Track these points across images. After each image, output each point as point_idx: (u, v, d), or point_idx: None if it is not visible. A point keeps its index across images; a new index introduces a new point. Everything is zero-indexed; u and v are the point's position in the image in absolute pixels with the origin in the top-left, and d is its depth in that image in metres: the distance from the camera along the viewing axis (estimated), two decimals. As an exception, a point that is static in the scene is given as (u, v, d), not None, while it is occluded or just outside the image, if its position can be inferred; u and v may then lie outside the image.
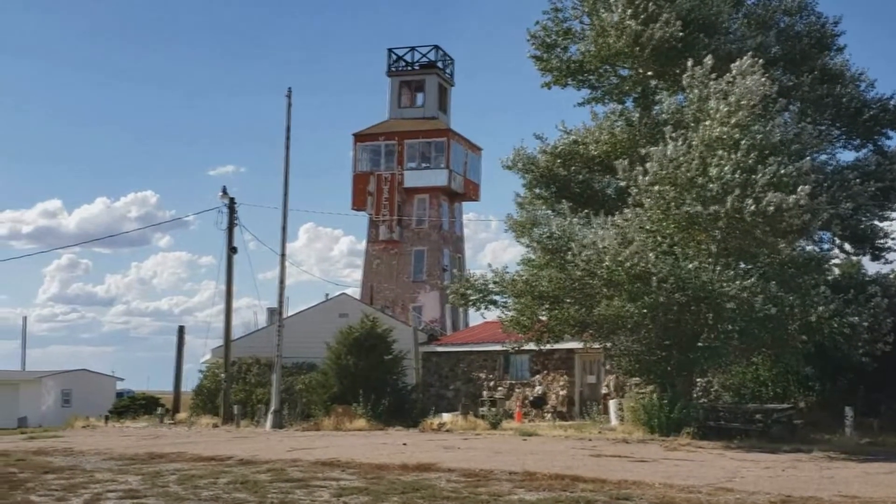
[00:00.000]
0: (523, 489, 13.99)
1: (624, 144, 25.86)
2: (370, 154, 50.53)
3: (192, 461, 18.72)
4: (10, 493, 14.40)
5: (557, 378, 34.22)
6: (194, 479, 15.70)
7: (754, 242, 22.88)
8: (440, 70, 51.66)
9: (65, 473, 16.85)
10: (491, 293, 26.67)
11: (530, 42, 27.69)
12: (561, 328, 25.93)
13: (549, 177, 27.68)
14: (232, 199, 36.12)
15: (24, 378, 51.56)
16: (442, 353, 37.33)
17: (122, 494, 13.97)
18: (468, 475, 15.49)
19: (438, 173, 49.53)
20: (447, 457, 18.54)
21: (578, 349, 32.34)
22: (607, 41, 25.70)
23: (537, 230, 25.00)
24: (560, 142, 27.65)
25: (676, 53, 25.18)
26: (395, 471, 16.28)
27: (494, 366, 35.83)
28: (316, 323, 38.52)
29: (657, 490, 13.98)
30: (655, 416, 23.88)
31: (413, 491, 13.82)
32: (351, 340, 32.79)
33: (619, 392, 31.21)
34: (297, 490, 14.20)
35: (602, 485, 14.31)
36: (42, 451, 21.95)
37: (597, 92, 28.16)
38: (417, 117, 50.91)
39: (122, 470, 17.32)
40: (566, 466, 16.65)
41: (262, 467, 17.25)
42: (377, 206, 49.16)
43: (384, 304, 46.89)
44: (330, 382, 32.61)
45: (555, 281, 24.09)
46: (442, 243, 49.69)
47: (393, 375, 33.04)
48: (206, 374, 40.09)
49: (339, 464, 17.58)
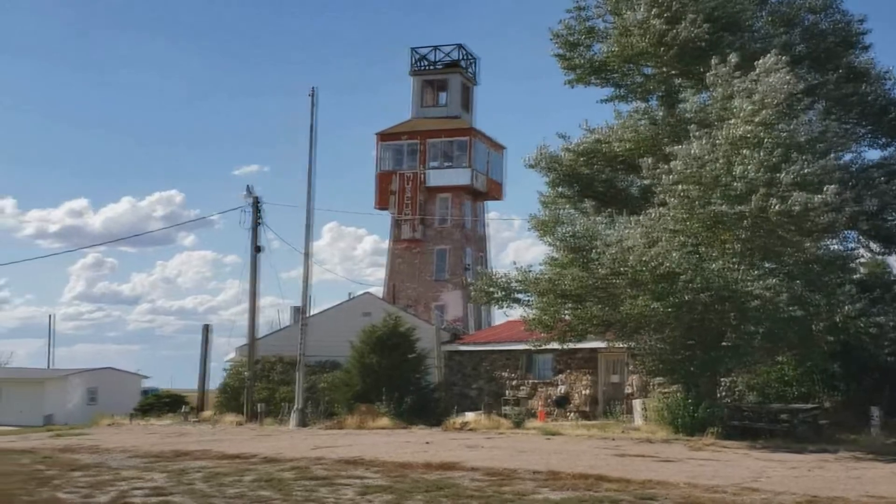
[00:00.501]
0: (547, 488, 13.99)
1: (648, 143, 25.75)
2: (393, 153, 50.59)
3: (217, 459, 18.83)
4: (37, 490, 14.55)
5: (581, 377, 34.14)
6: (219, 476, 15.80)
7: (779, 241, 22.76)
8: (463, 69, 51.65)
9: (91, 471, 17.00)
10: (514, 291, 26.65)
11: (553, 41, 27.65)
12: (584, 327, 25.86)
13: (572, 175, 27.61)
14: (256, 199, 36.28)
15: (51, 376, 51.96)
16: (465, 352, 37.31)
17: (149, 492, 14.08)
18: (492, 474, 15.51)
19: (461, 172, 49.52)
20: (471, 456, 18.56)
21: (602, 348, 32.24)
22: (631, 40, 25.63)
23: (561, 229, 24.95)
24: (583, 140, 27.57)
25: (701, 52, 25.07)
26: (419, 469, 16.31)
27: (517, 365, 35.77)
28: (339, 322, 38.60)
29: (682, 490, 13.95)
30: (680, 416, 23.79)
31: (437, 490, 13.86)
32: (374, 339, 32.86)
33: (643, 392, 31.10)
34: (321, 488, 14.27)
35: (627, 484, 14.28)
36: (68, 449, 22.13)
37: (620, 90, 28.09)
38: (440, 116, 50.92)
39: (148, 467, 17.45)
40: (590, 466, 16.63)
41: (287, 465, 17.33)
42: (400, 206, 49.21)
43: (407, 302, 46.94)
44: (353, 381, 32.69)
45: (578, 280, 24.04)
46: (465, 242, 49.68)
47: (416, 374, 33.10)
48: (231, 372, 40.26)
49: (363, 462, 17.63)
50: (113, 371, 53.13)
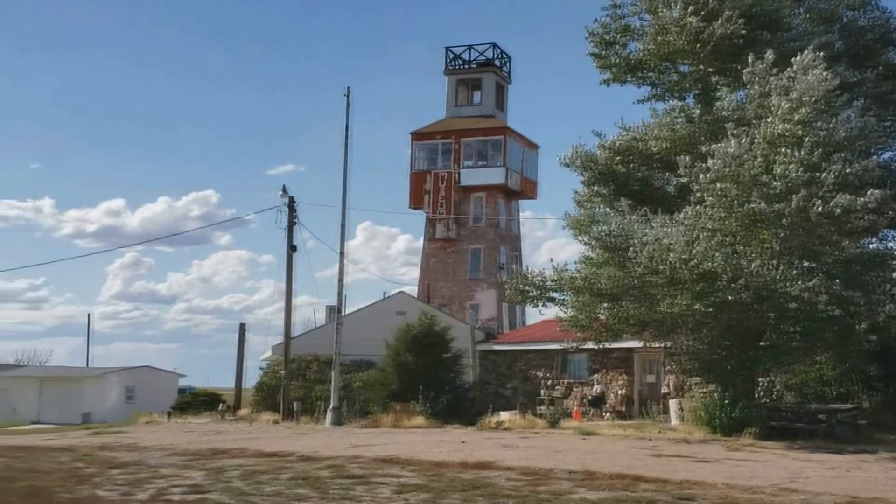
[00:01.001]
0: (584, 488, 13.94)
1: (684, 141, 25.59)
2: (427, 152, 50.62)
3: (254, 457, 18.95)
4: (76, 488, 14.70)
5: (616, 377, 34.00)
6: (257, 474, 15.89)
7: (818, 241, 22.55)
8: (497, 68, 51.58)
9: (130, 468, 17.16)
10: (549, 290, 26.59)
11: (589, 40, 27.51)
12: (620, 327, 25.74)
13: (607, 174, 27.47)
14: (291, 198, 36.46)
15: (89, 375, 52.55)
16: (499, 352, 37.28)
17: (187, 489, 14.18)
18: (528, 474, 15.48)
19: (495, 171, 49.45)
20: (506, 455, 18.54)
21: (638, 348, 32.09)
22: (667, 38, 25.47)
23: (596, 227, 24.85)
24: (619, 139, 27.44)
25: (738, 50, 24.88)
26: (455, 468, 16.32)
27: (552, 364, 35.68)
28: (374, 321, 38.67)
29: (720, 490, 13.86)
30: (717, 416, 23.62)
31: (473, 489, 13.85)
32: (409, 338, 32.91)
33: (679, 392, 30.91)
34: (357, 486, 14.30)
35: (664, 485, 14.21)
36: (107, 447, 22.35)
37: (656, 89, 27.91)
38: (474, 115, 50.90)
39: (186, 465, 17.58)
40: (627, 466, 16.56)
41: (323, 464, 17.40)
42: (434, 205, 49.23)
43: (441, 302, 46.95)
44: (388, 380, 32.77)
45: (614, 279, 23.93)
46: (499, 241, 49.62)
47: (451, 373, 33.12)
48: (267, 371, 40.51)
49: (399, 461, 17.66)
50: (150, 370, 53.63)
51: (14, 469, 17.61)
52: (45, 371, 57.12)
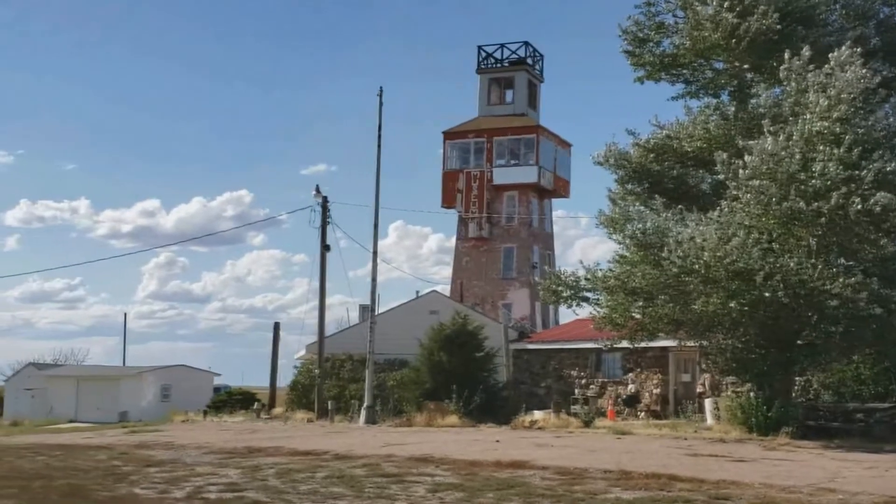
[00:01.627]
0: (619, 488, 13.87)
1: (719, 139, 25.40)
2: (459, 151, 50.64)
3: (289, 455, 19.03)
4: (115, 486, 14.84)
5: (651, 376, 33.82)
6: (292, 473, 15.96)
7: (856, 239, 22.32)
8: (530, 66, 51.48)
9: (167, 467, 17.28)
10: (583, 290, 26.50)
11: (622, 37, 27.39)
12: (655, 326, 25.60)
13: (641, 172, 27.34)
14: (325, 198, 36.62)
15: (125, 373, 53.00)
16: (532, 351, 37.20)
17: (223, 488, 14.26)
18: (562, 473, 15.43)
19: (528, 170, 49.37)
20: (541, 454, 18.49)
21: (672, 347, 31.89)
22: (702, 34, 25.30)
23: (630, 226, 24.73)
24: (653, 136, 27.30)
25: (773, 46, 24.67)
26: (489, 467, 16.30)
27: (586, 363, 35.55)
28: (407, 320, 38.72)
29: (757, 490, 13.74)
30: (753, 416, 23.44)
31: (508, 488, 13.82)
32: (442, 337, 32.94)
33: (715, 391, 30.67)
34: (392, 485, 14.32)
35: (700, 484, 14.11)
36: (144, 445, 22.54)
37: (691, 86, 27.72)
38: (507, 114, 50.85)
39: (222, 463, 17.69)
40: (662, 465, 16.46)
41: (358, 462, 17.44)
42: (466, 204, 49.22)
43: (474, 301, 46.94)
44: (422, 379, 32.81)
45: (648, 277, 23.81)
46: (531, 240, 49.53)
47: (484, 372, 33.09)
48: (301, 369, 40.69)
49: (433, 460, 17.67)
50: (186, 368, 54.01)
51: (53, 467, 17.81)
52: (83, 370, 57.74)
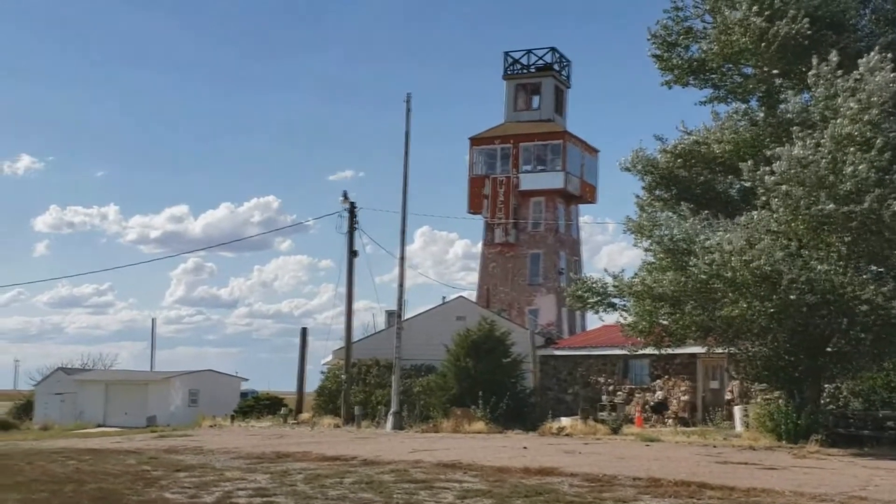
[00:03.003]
0: (649, 495, 13.80)
1: (748, 144, 25.24)
2: (486, 157, 50.63)
3: (317, 461, 19.06)
4: (144, 491, 14.90)
5: (679, 383, 33.65)
6: (321, 478, 15.98)
7: (886, 244, 22.12)
8: (557, 72, 51.41)
9: (196, 471, 17.34)
10: (610, 296, 26.40)
11: (650, 41, 27.30)
12: (682, 332, 25.48)
13: (669, 178, 27.20)
14: (352, 204, 36.71)
15: (154, 378, 53.25)
16: (559, 357, 37.11)
17: (252, 493, 14.30)
18: (591, 480, 15.37)
19: (554, 176, 49.30)
20: (569, 461, 18.44)
21: (701, 354, 31.71)
22: (731, 39, 25.16)
23: (658, 232, 24.62)
24: (680, 142, 27.17)
25: (803, 51, 24.50)
26: (517, 474, 16.26)
27: (613, 370, 35.43)
28: (433, 325, 38.72)
29: (788, 498, 13.64)
30: (783, 423, 23.29)
31: (536, 495, 13.78)
32: (469, 343, 32.92)
33: (744, 398, 30.50)
34: (421, 491, 14.30)
35: (730, 492, 14.02)
36: (173, 450, 22.63)
37: (719, 91, 27.58)
38: (533, 120, 50.78)
39: (251, 468, 17.74)
40: (692, 473, 16.38)
41: (386, 468, 17.44)
42: (493, 210, 49.19)
43: (500, 307, 46.89)
44: (448, 384, 32.79)
45: (676, 283, 23.69)
46: (558, 246, 49.43)
47: (511, 378, 33.02)
48: (328, 375, 40.75)
49: (461, 466, 17.64)
50: (213, 373, 54.19)
51: (83, 472, 17.91)
52: (111, 375, 58.07)
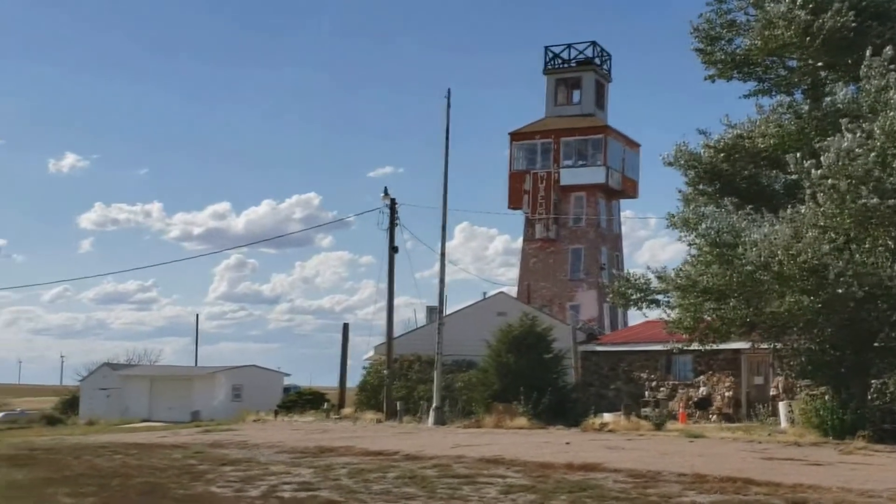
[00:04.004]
0: (694, 491, 13.71)
1: (793, 137, 24.97)
2: (526, 153, 50.54)
3: (360, 455, 19.14)
4: (191, 484, 15.07)
5: (723, 379, 33.38)
6: (364, 472, 16.05)
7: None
8: (597, 66, 51.17)
9: (241, 465, 17.50)
10: (653, 292, 26.23)
11: (693, 35, 27.12)
12: (726, 328, 25.26)
13: (712, 172, 27.00)
14: (393, 200, 36.77)
15: (198, 373, 53.74)
16: (601, 353, 36.96)
17: (297, 487, 14.40)
18: (635, 476, 15.28)
19: (595, 171, 49.10)
20: (612, 457, 18.35)
21: (745, 349, 31.44)
22: (774, 32, 24.92)
23: (703, 226, 24.43)
24: (724, 136, 26.95)
25: (848, 43, 24.23)
26: (561, 470, 16.20)
27: (656, 366, 35.22)
28: (474, 321, 38.74)
29: (835, 494, 13.49)
30: (828, 419, 23.02)
31: (580, 490, 13.74)
32: (510, 338, 32.88)
33: (789, 394, 30.19)
34: (464, 486, 14.32)
35: (776, 488, 13.88)
36: (218, 444, 22.83)
37: (763, 84, 27.34)
38: (574, 115, 50.60)
39: (295, 463, 17.86)
40: (737, 469, 16.23)
41: (429, 463, 17.46)
42: (533, 205, 49.08)
43: (541, 302, 46.79)
44: (490, 380, 32.77)
45: (721, 277, 23.50)
46: (599, 241, 49.23)
47: (553, 374, 32.94)
48: (370, 370, 40.92)
49: (504, 461, 17.61)
50: (256, 369, 54.58)
51: (130, 466, 18.14)
52: (156, 370, 58.67)
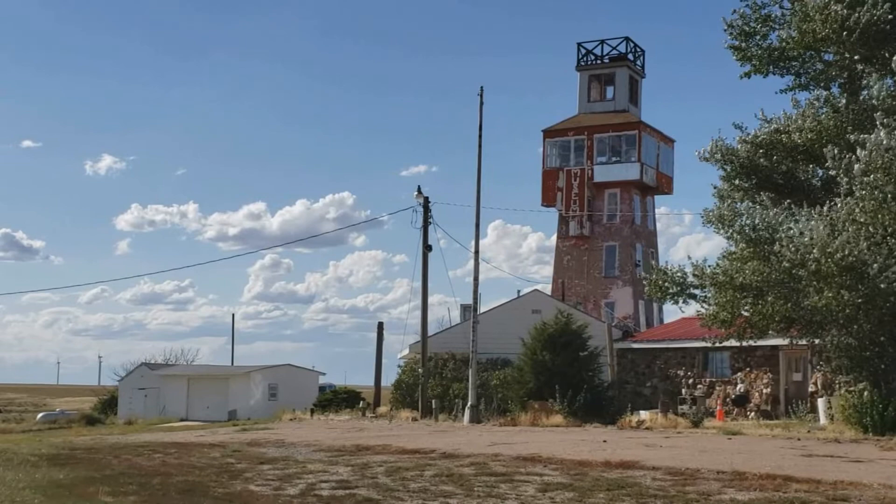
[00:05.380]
0: (733, 489, 13.63)
1: (830, 132, 24.73)
2: (559, 150, 50.42)
3: (397, 454, 19.18)
4: (230, 483, 15.18)
5: (760, 375, 33.13)
6: (401, 471, 16.08)
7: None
8: (630, 62, 50.95)
9: (279, 464, 17.60)
10: (690, 286, 26.11)
11: (727, 31, 26.89)
12: (764, 323, 25.08)
13: (749, 167, 26.80)
14: (426, 199, 36.81)
15: (234, 373, 54.11)
16: (637, 350, 36.80)
17: (335, 485, 14.46)
18: (674, 473, 15.21)
19: (629, 167, 48.89)
20: (650, 455, 18.27)
21: (783, 346, 31.18)
22: (811, 27, 24.70)
23: (740, 221, 24.26)
24: (760, 131, 26.74)
25: (885, 36, 23.97)
26: (598, 468, 16.16)
27: (693, 363, 35.02)
28: (509, 319, 38.73)
29: (876, 491, 13.35)
30: (868, 415, 22.81)
31: (618, 488, 13.69)
32: (546, 336, 32.80)
33: (828, 390, 29.91)
34: (501, 484, 14.32)
35: (817, 485, 13.77)
36: (255, 443, 22.98)
37: (800, 79, 27.09)
38: (607, 111, 50.41)
39: (332, 461, 17.94)
40: (776, 466, 16.12)
41: (465, 461, 17.47)
42: (567, 202, 48.96)
43: (576, 300, 46.67)
44: (525, 378, 32.73)
45: (758, 272, 23.32)
46: (634, 238, 49.02)
47: (588, 372, 32.83)
48: (405, 368, 41.01)
49: (541, 459, 17.60)
50: (292, 368, 54.89)
51: (169, 465, 18.29)
52: (193, 370, 59.11)
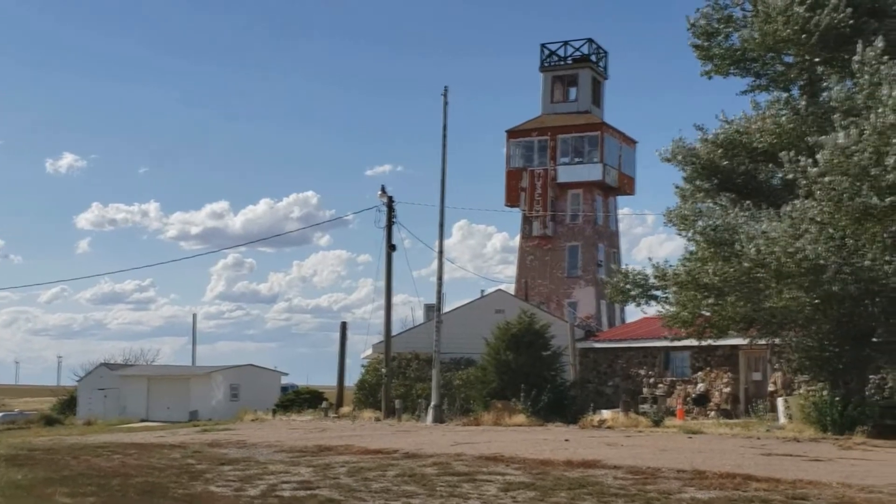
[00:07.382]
0: (693, 487, 13.72)
1: (790, 134, 24.95)
2: (523, 150, 50.51)
3: (359, 454, 19.11)
4: (190, 484, 15.03)
5: (721, 375, 33.39)
6: (363, 471, 16.04)
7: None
8: (593, 64, 51.15)
9: (240, 465, 17.47)
10: (651, 288, 26.24)
11: (690, 31, 27.08)
12: (725, 323, 25.27)
13: (710, 168, 26.97)
14: (390, 198, 36.70)
15: (195, 373, 53.70)
16: (599, 350, 36.95)
17: (297, 486, 14.38)
18: (635, 472, 15.30)
19: (592, 168, 49.08)
20: (611, 453, 18.36)
21: (743, 346, 31.45)
22: (772, 28, 24.91)
23: (701, 222, 24.42)
24: (721, 132, 26.94)
25: (844, 39, 24.20)
26: (560, 467, 16.22)
27: (654, 362, 35.22)
28: (472, 319, 38.74)
29: (835, 490, 13.49)
30: (827, 414, 23.07)
31: (580, 487, 13.74)
32: (509, 336, 32.86)
33: (787, 389, 30.22)
34: (464, 484, 14.32)
35: (776, 484, 13.89)
36: (216, 444, 22.79)
37: (760, 80, 27.32)
38: (570, 112, 50.58)
39: (294, 462, 17.84)
40: (736, 465, 16.25)
41: (428, 461, 17.45)
42: (530, 202, 49.09)
43: (539, 300, 46.78)
44: (489, 378, 32.77)
45: (719, 273, 23.50)
46: (596, 238, 49.24)
47: (551, 371, 32.96)
48: (368, 369, 40.86)
49: (503, 458, 17.63)
50: (254, 368, 54.56)
51: (129, 466, 18.09)
52: (154, 370, 58.62)
